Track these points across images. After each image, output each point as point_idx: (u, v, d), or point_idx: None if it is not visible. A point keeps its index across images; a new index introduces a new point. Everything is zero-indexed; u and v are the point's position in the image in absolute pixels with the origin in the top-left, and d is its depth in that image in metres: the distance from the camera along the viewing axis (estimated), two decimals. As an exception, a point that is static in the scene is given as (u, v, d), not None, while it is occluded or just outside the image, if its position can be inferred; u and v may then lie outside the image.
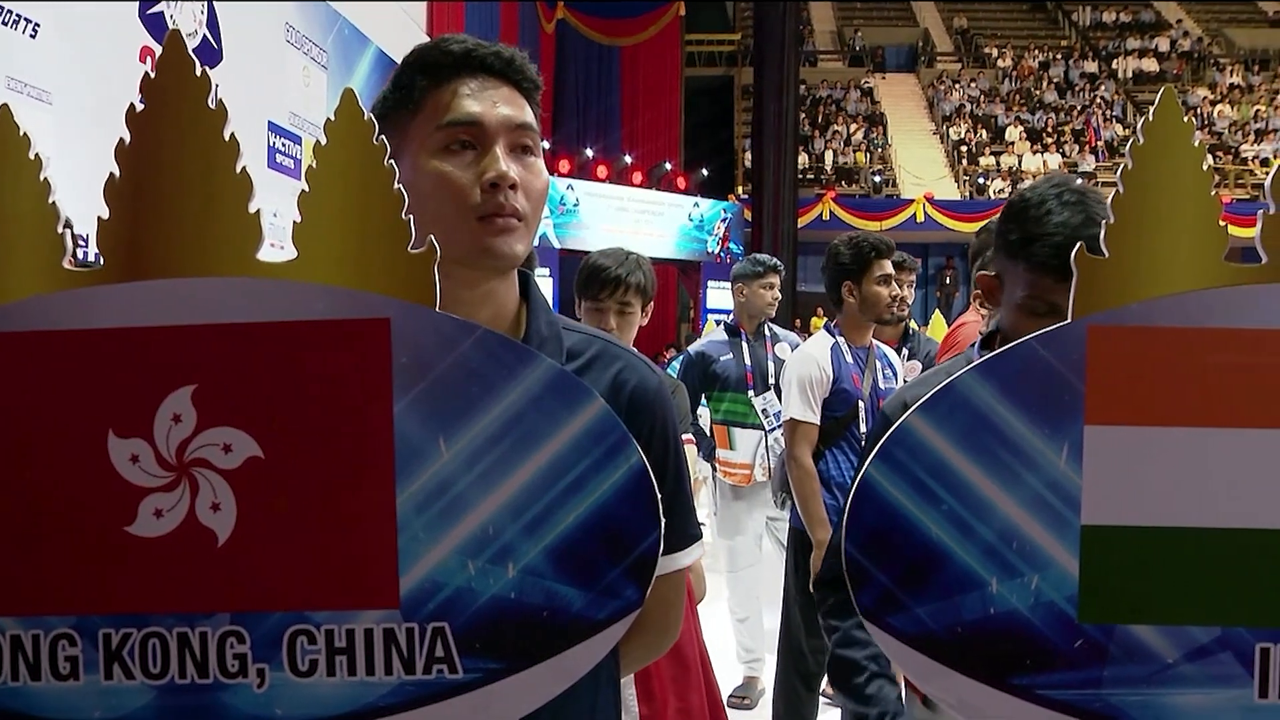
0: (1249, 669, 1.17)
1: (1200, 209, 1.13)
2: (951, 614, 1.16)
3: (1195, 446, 1.15)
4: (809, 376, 4.03)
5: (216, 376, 1.19)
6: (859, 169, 25.22)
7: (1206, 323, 1.14)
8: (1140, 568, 1.16)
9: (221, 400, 1.19)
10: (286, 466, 1.19)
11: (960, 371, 1.16)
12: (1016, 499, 1.15)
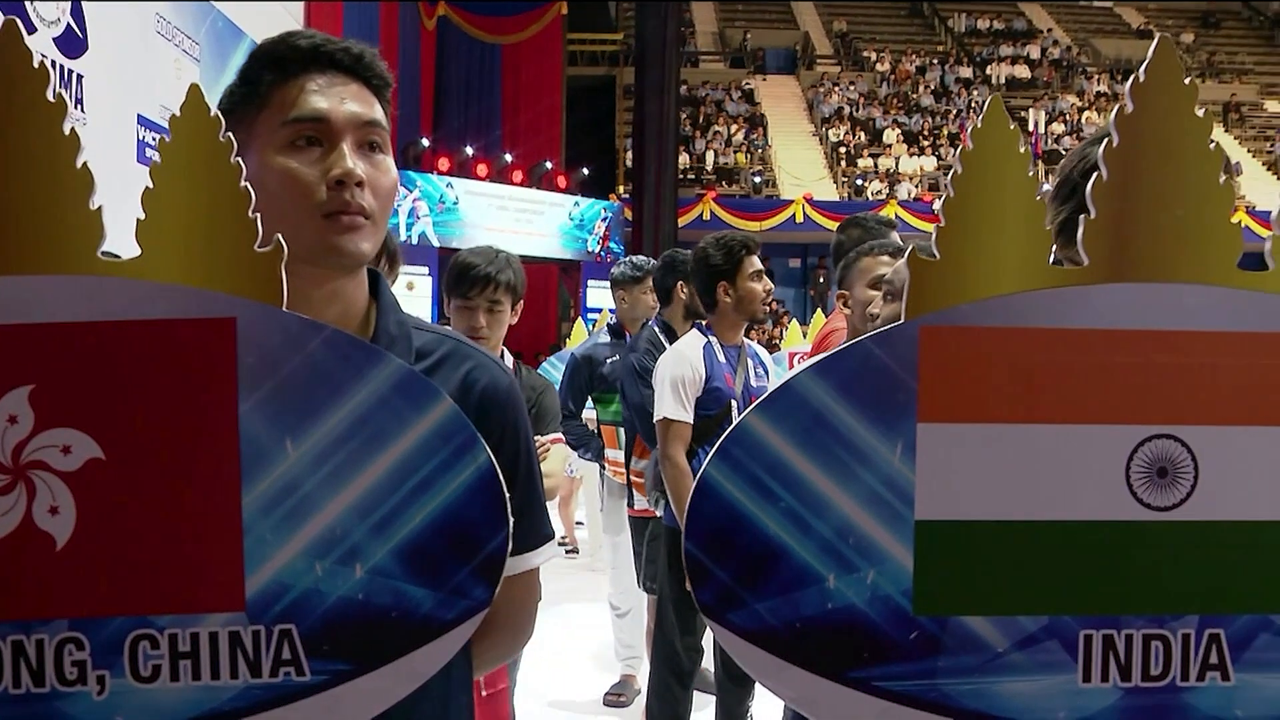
0: (1074, 655, 1.22)
1: (1026, 213, 1.17)
2: (790, 609, 1.18)
3: (1022, 442, 1.19)
4: (681, 376, 4.06)
5: (56, 377, 1.16)
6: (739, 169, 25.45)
7: (1033, 323, 1.18)
8: (972, 561, 1.20)
9: (61, 401, 1.16)
10: (128, 468, 1.17)
11: (795, 371, 1.19)
12: (852, 495, 1.18)
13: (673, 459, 4.06)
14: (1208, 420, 1.21)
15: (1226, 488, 1.22)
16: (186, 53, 10.50)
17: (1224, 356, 1.21)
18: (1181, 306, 1.20)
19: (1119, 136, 1.17)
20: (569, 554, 9.60)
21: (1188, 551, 1.22)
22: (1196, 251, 1.19)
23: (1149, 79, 1.18)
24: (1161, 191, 1.18)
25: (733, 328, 4.20)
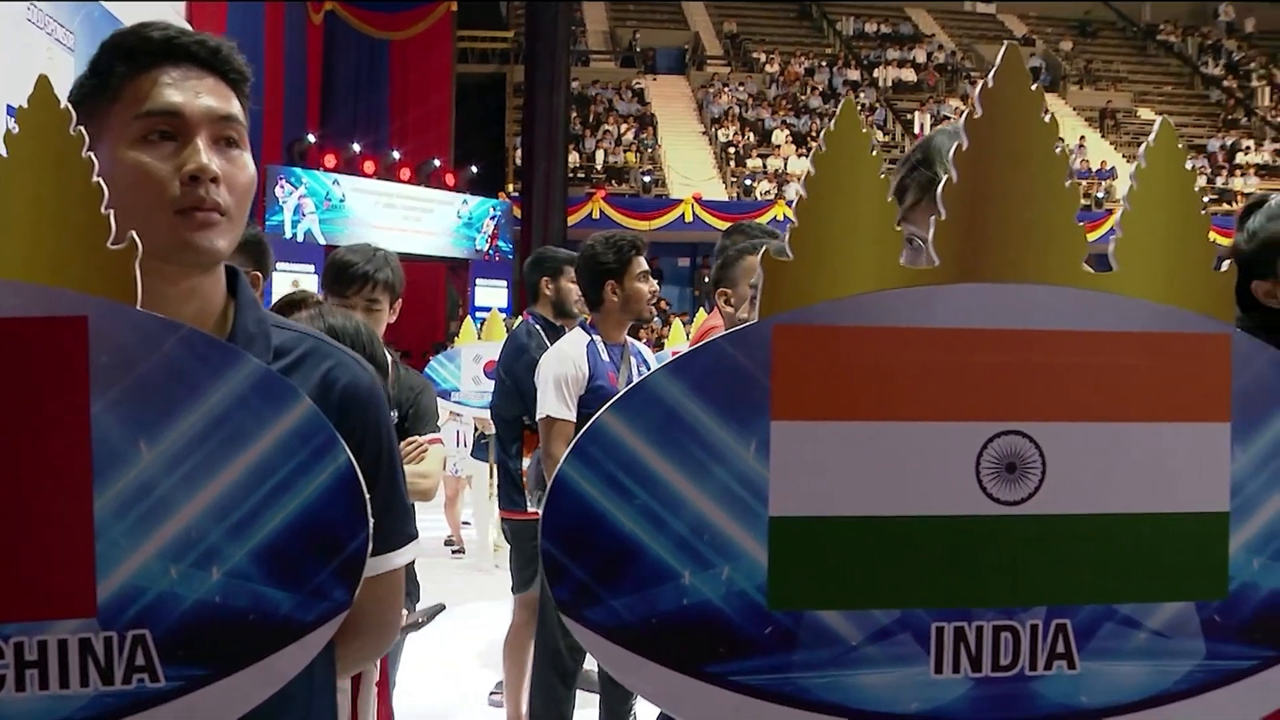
0: (926, 647, 1.24)
1: (878, 214, 1.19)
2: (646, 606, 1.19)
3: (874, 439, 1.21)
4: (565, 374, 4.06)
5: (-104, 376, 1.13)
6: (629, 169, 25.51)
7: (885, 322, 1.20)
8: (826, 556, 1.21)
9: (-98, 401, 1.13)
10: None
11: (652, 370, 1.20)
12: (707, 493, 1.18)
13: (555, 457, 4.06)
14: (1055, 417, 1.24)
15: (1072, 482, 1.25)
16: (60, 42, 10.22)
17: (1071, 355, 1.24)
18: (1029, 306, 1.23)
19: (969, 140, 1.20)
20: (455, 554, 9.55)
21: (1036, 545, 1.25)
22: (1044, 252, 1.23)
23: (997, 85, 1.21)
24: (1010, 194, 1.21)
25: (617, 326, 4.22)
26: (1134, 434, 1.27)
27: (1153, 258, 1.27)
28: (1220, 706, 1.32)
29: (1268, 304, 2.19)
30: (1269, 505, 1.31)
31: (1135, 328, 1.26)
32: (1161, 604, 1.29)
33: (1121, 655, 1.28)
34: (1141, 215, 1.26)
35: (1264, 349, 1.32)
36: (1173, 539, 1.29)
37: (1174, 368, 1.27)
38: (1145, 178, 1.26)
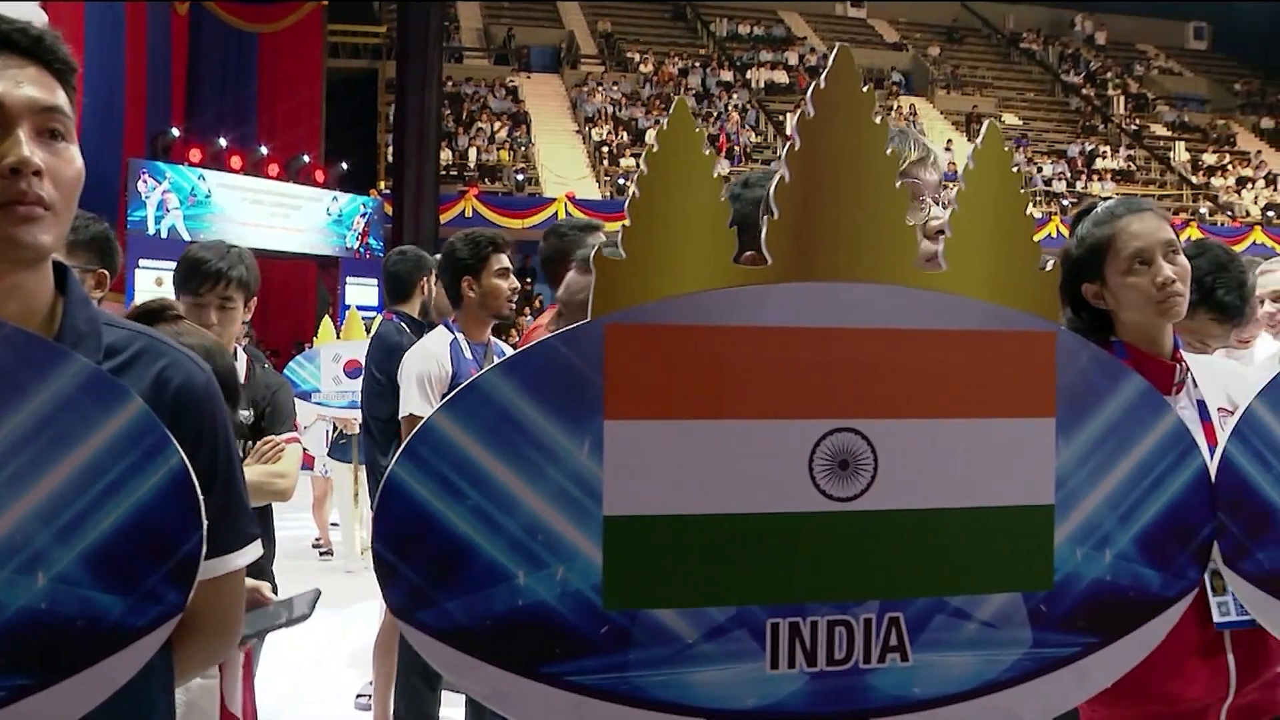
0: (761, 643, 1.25)
1: (710, 213, 1.20)
2: (481, 607, 1.18)
3: (708, 438, 1.22)
4: (427, 373, 4.02)
5: None
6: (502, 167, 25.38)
7: (718, 321, 1.21)
8: (660, 555, 1.22)
9: None
10: None
11: (484, 370, 1.19)
12: (541, 493, 1.18)
13: (419, 457, 4.00)
14: (886, 414, 1.27)
15: (904, 478, 1.28)
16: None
17: (901, 353, 1.27)
18: (860, 305, 1.25)
19: (801, 140, 1.22)
20: (323, 556, 9.40)
21: (868, 540, 1.27)
22: (874, 252, 1.25)
23: (829, 86, 1.23)
24: (841, 194, 1.23)
25: (479, 324, 4.18)
26: (963, 430, 1.30)
27: (980, 257, 1.30)
28: (1045, 693, 1.36)
29: (1096, 305, 2.27)
30: (1091, 498, 1.36)
31: (964, 326, 1.29)
32: (990, 595, 1.33)
33: (952, 646, 1.31)
34: (970, 216, 1.29)
35: (1087, 346, 1.36)
36: (1000, 532, 1.32)
37: (1001, 365, 1.31)
38: (973, 179, 1.29)
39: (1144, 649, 1.41)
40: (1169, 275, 2.18)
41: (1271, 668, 2.17)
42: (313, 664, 6.19)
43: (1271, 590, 1.45)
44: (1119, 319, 2.26)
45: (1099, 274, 2.25)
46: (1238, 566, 1.44)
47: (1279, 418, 1.44)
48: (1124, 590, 1.38)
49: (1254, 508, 1.44)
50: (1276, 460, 1.44)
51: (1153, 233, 2.22)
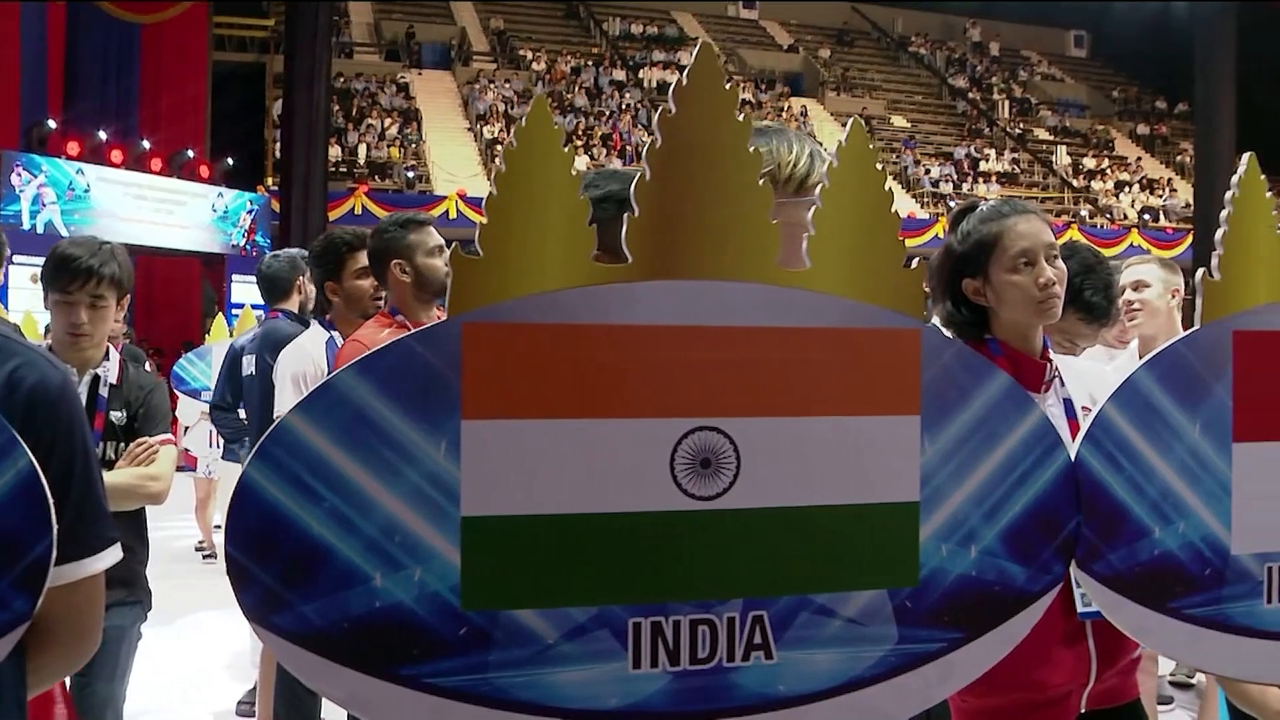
0: (623, 643, 1.24)
1: (569, 211, 1.18)
2: (337, 610, 1.15)
3: (568, 437, 1.21)
4: (303, 371, 3.94)
5: None
6: (393, 164, 25.09)
7: (577, 319, 1.19)
8: (520, 555, 1.20)
9: None
10: None
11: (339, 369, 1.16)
12: (398, 493, 1.16)
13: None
14: (749, 413, 1.27)
15: (767, 476, 1.28)
16: None
17: (764, 351, 1.26)
18: (722, 303, 1.24)
19: (662, 138, 1.21)
20: (206, 559, 9.23)
21: (731, 538, 1.27)
22: (737, 250, 1.25)
23: (691, 83, 1.22)
24: (703, 192, 1.23)
25: (350, 325, 4.12)
26: (827, 427, 1.30)
27: (845, 255, 1.30)
28: (910, 688, 1.37)
29: (976, 301, 2.30)
30: (956, 494, 1.37)
31: (827, 323, 1.29)
32: (855, 592, 1.33)
33: (817, 644, 1.32)
34: (833, 214, 1.30)
35: (951, 344, 1.38)
36: (866, 529, 1.33)
37: (865, 362, 1.31)
38: (837, 177, 1.30)
39: (1009, 643, 1.43)
40: (1051, 277, 2.23)
41: (1128, 654, 2.24)
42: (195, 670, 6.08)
43: (1121, 590, 1.49)
44: (996, 316, 2.29)
45: (982, 270, 2.28)
46: (1090, 568, 1.47)
47: (1129, 420, 1.47)
48: (989, 585, 1.40)
49: (1106, 509, 1.47)
50: (1127, 462, 1.47)
51: (1038, 234, 2.27)
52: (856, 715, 1.35)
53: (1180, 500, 1.51)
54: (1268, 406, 1.56)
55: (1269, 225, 1.56)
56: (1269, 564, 1.57)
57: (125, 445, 3.25)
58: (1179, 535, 1.51)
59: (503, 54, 32.14)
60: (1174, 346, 1.53)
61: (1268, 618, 1.57)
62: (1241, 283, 1.55)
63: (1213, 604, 1.54)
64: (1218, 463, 1.53)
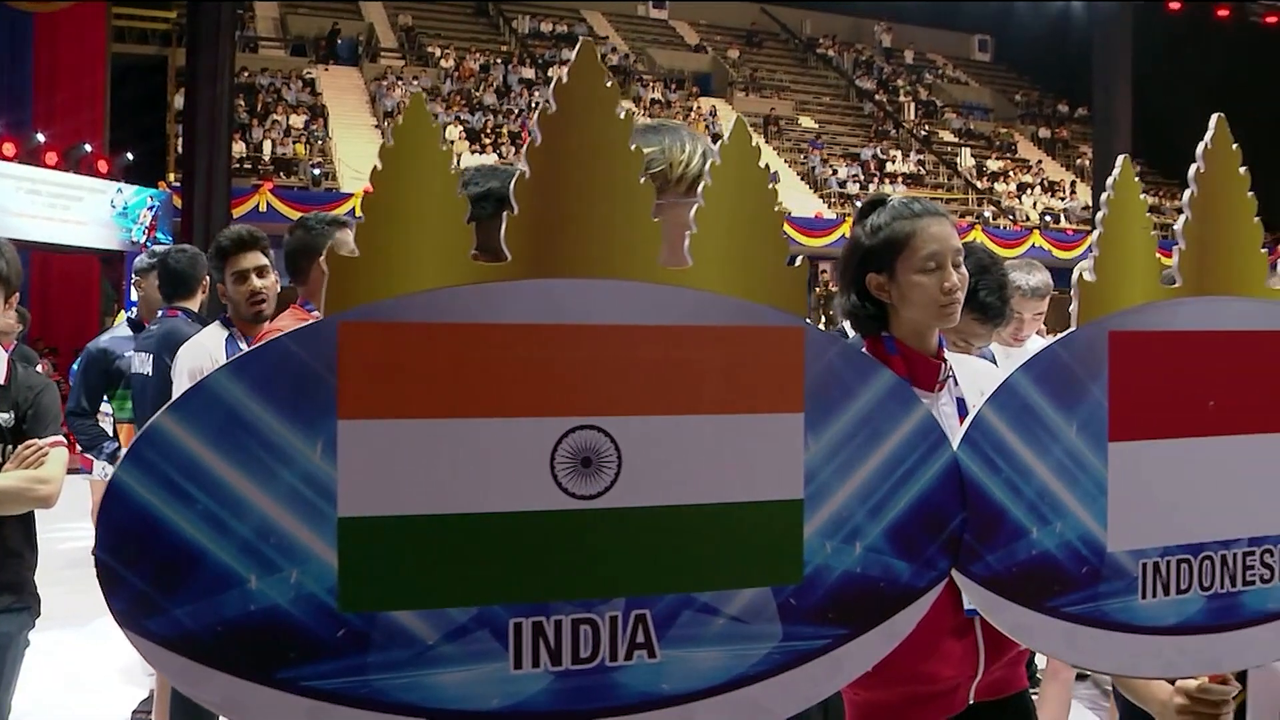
0: (504, 643, 1.24)
1: (447, 209, 1.17)
2: (211, 613, 1.14)
3: (446, 437, 1.20)
4: (200, 368, 3.87)
5: None
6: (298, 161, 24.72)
7: (455, 318, 1.19)
8: (399, 556, 1.19)
9: None
10: None
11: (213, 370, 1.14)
12: (273, 495, 1.15)
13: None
14: (630, 411, 1.27)
15: (649, 475, 1.28)
16: None
17: (645, 350, 1.27)
18: (604, 301, 1.24)
19: (542, 136, 1.20)
20: (103, 564, 9.01)
21: (613, 537, 1.27)
22: (618, 248, 1.24)
23: (572, 81, 1.22)
24: (584, 190, 1.22)
25: (246, 326, 4.07)
26: (709, 426, 1.30)
27: (727, 253, 1.31)
28: (796, 685, 1.38)
29: (879, 297, 2.32)
30: (841, 491, 1.38)
31: (709, 322, 1.29)
32: (739, 590, 1.34)
33: (701, 642, 1.32)
34: (715, 212, 1.30)
35: (834, 341, 1.39)
36: (749, 527, 1.34)
37: (748, 360, 1.32)
38: (719, 175, 1.30)
39: (894, 639, 1.45)
40: (955, 282, 2.26)
41: (1015, 646, 2.28)
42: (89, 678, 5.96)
43: (1000, 591, 1.51)
44: (896, 314, 2.32)
45: (889, 268, 2.30)
46: (969, 570, 1.49)
47: (1007, 422, 1.50)
48: (874, 582, 1.41)
49: (984, 511, 1.49)
50: (1005, 463, 1.49)
51: (947, 238, 2.29)
52: (741, 713, 1.36)
53: (1057, 500, 1.54)
54: (1142, 406, 1.59)
55: (1143, 227, 1.59)
56: (1143, 560, 1.61)
57: (13, 447, 3.17)
58: (1056, 535, 1.54)
59: (411, 51, 31.84)
60: (1051, 348, 1.56)
61: (1143, 613, 1.61)
62: (1117, 283, 1.58)
63: (1090, 601, 1.57)
64: (1094, 462, 1.56)
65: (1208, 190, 1.62)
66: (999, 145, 33.65)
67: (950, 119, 34.62)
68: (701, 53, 35.38)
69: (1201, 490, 1.64)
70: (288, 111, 26.24)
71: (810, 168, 29.21)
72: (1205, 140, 1.62)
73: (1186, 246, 1.62)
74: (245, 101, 25.42)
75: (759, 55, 36.51)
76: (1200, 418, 1.63)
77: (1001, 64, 39.76)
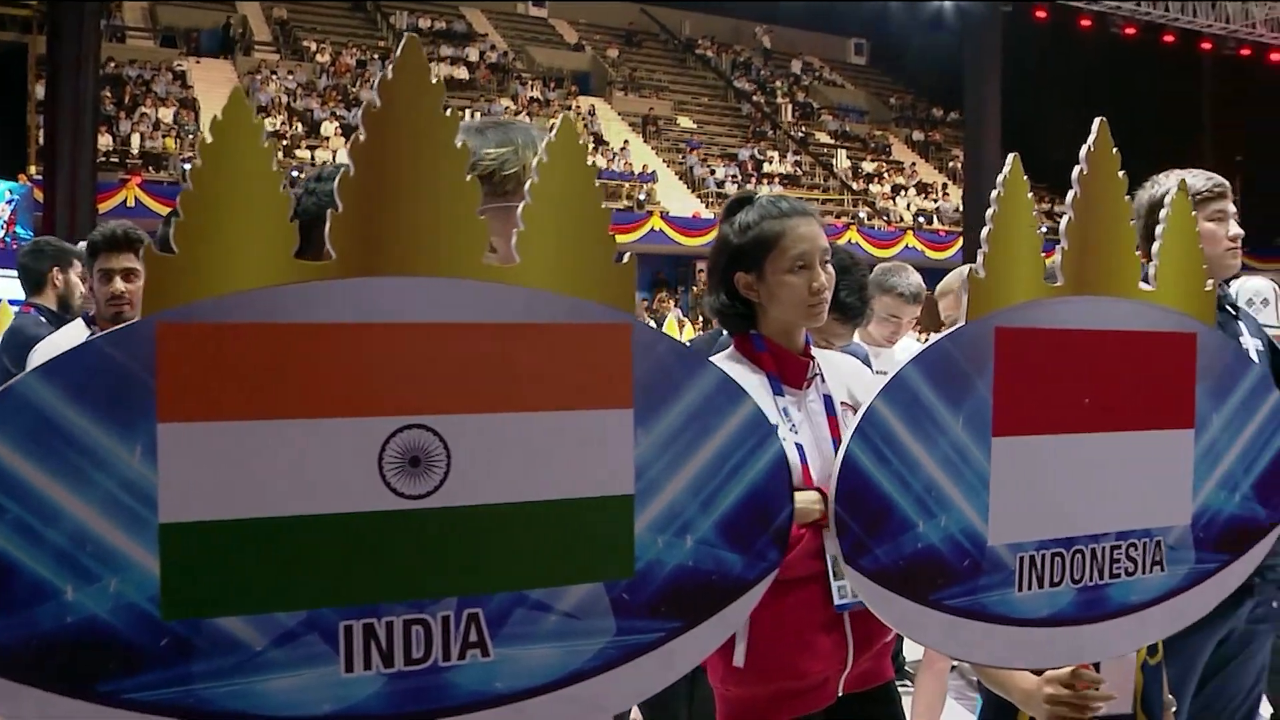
0: (335, 647, 1.23)
1: (269, 207, 1.15)
2: (25, 627, 1.10)
3: (271, 438, 1.18)
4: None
5: None
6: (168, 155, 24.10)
7: (278, 318, 1.17)
8: (224, 561, 1.18)
9: None
10: None
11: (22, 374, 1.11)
12: (89, 501, 1.12)
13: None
14: (459, 410, 1.26)
15: (479, 473, 1.28)
16: None
17: (474, 348, 1.27)
18: (430, 300, 1.24)
19: (367, 133, 1.20)
20: None
21: (443, 537, 1.27)
22: (444, 246, 1.24)
23: (397, 77, 1.21)
24: (410, 188, 1.22)
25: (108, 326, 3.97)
26: (539, 423, 1.31)
27: (554, 250, 1.31)
28: (630, 678, 1.39)
29: (748, 295, 2.34)
30: (671, 486, 1.40)
31: (537, 319, 1.30)
32: (572, 587, 1.35)
33: (534, 639, 1.33)
34: (543, 209, 1.30)
35: (663, 338, 1.41)
36: (581, 523, 1.35)
37: (577, 357, 1.33)
38: (546, 173, 1.30)
39: (728, 630, 1.47)
40: (824, 282, 2.29)
41: (882, 639, 2.33)
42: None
43: (887, 584, 1.54)
44: (764, 313, 2.34)
45: (758, 267, 2.32)
46: (857, 563, 1.52)
47: (897, 415, 1.53)
48: (706, 575, 1.43)
49: (873, 504, 1.52)
50: (894, 457, 1.53)
51: (816, 238, 2.32)
52: (578, 707, 1.37)
53: (943, 494, 1.58)
54: (1024, 401, 1.64)
55: (1030, 225, 1.63)
56: (1020, 554, 1.66)
57: None
58: (941, 528, 1.58)
59: (286, 44, 31.26)
60: (940, 343, 1.59)
61: (1019, 605, 1.66)
62: (1005, 280, 1.62)
63: (970, 594, 1.62)
64: (978, 456, 1.61)
65: (1089, 192, 1.66)
66: (874, 147, 34.22)
67: (827, 121, 35.10)
68: (580, 52, 35.34)
69: (1075, 485, 1.70)
70: (157, 104, 25.56)
71: (688, 167, 29.37)
72: (1088, 143, 1.66)
73: (1069, 246, 1.66)
74: (112, 93, 24.71)
75: (638, 55, 36.60)
76: (1076, 414, 1.69)
77: (877, 67, 40.43)
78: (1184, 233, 1.77)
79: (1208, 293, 1.81)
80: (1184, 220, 1.77)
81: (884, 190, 31.02)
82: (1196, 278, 1.80)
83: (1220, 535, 1.84)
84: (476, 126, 1.93)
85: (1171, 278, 1.76)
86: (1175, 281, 1.77)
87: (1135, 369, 1.73)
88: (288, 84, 28.15)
